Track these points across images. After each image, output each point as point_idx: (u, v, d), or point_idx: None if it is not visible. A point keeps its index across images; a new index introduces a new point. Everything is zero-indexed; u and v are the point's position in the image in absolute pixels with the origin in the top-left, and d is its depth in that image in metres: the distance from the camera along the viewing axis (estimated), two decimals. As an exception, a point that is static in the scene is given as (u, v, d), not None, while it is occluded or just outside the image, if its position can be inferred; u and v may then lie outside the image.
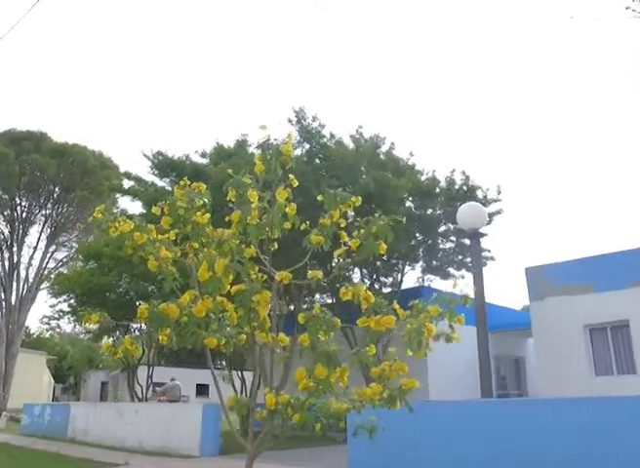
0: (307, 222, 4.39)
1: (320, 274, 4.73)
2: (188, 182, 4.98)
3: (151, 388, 23.20)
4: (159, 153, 13.18)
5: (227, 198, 4.41)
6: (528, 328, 21.73)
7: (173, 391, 22.49)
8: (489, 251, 16.67)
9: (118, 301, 14.89)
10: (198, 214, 4.75)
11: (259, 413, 4.64)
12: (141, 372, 40.70)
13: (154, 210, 4.61)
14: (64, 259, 27.99)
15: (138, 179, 13.96)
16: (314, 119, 12.59)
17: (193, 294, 4.50)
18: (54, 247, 28.17)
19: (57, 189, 26.68)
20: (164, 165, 13.06)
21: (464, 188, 16.36)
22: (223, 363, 45.85)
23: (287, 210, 4.48)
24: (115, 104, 78.85)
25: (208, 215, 4.80)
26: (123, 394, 37.09)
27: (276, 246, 4.66)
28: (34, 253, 27.85)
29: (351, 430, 4.62)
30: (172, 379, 23.45)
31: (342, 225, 4.72)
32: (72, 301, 15.47)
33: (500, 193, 16.35)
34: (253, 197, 4.54)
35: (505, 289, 62.56)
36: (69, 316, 16.27)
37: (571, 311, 14.67)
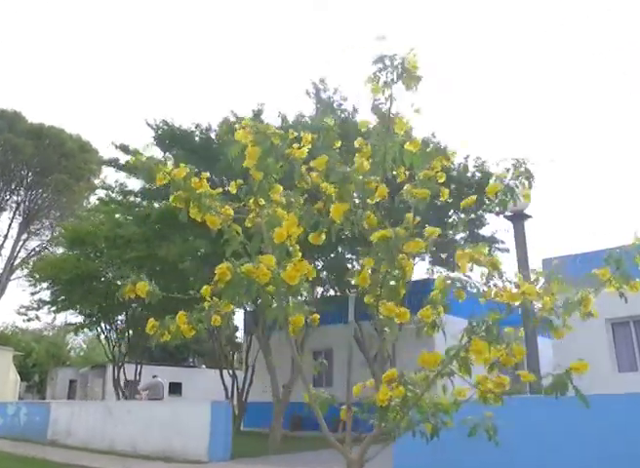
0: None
1: (438, 231, 3.69)
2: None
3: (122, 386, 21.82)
4: (164, 122, 11.89)
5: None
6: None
7: (155, 389, 21.14)
8: (503, 242, 15.83)
9: (108, 290, 13.51)
10: (294, 146, 3.63)
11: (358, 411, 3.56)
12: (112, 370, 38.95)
13: (239, 135, 3.45)
14: (37, 248, 26.20)
15: (135, 153, 12.53)
16: (335, 92, 11.48)
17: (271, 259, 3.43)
18: (25, 235, 26.31)
19: (30, 173, 24.88)
20: (169, 135, 11.75)
21: (478, 175, 15.50)
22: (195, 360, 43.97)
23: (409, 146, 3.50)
24: (99, 86, 75.70)
25: (305, 150, 3.68)
26: (93, 392, 35.41)
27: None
28: (4, 241, 25.97)
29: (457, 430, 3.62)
30: (154, 377, 22.10)
31: (442, 180, 3.77)
32: (55, 290, 14.00)
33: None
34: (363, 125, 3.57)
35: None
36: (50, 306, 14.80)
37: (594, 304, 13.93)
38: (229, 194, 3.69)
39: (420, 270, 16.99)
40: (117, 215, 12.82)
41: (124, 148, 12.53)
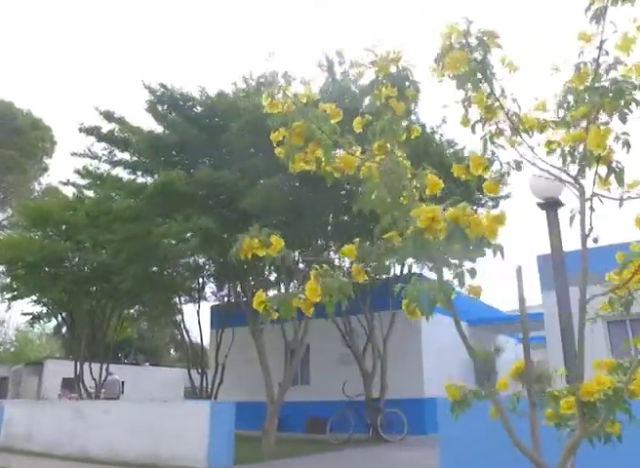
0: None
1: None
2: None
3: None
4: (162, 85, 10.53)
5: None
6: (508, 322, 21.02)
7: (112, 387, 19.65)
8: (495, 237, 15.37)
9: (77, 275, 12.01)
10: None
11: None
12: (51, 367, 36.65)
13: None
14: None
15: (121, 122, 11.17)
16: (353, 65, 10.41)
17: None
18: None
19: (-29, 150, 22.48)
20: (168, 100, 10.41)
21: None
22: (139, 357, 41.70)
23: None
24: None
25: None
26: (27, 391, 32.92)
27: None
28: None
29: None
30: (110, 374, 20.62)
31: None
32: (14, 274, 12.31)
33: (508, 175, 15.11)
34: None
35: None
36: (5, 292, 13.07)
37: (589, 303, 13.72)
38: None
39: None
40: (95, 191, 11.32)
41: (108, 115, 11.05)
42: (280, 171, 9.50)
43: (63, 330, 50.45)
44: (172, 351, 61.71)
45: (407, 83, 3.02)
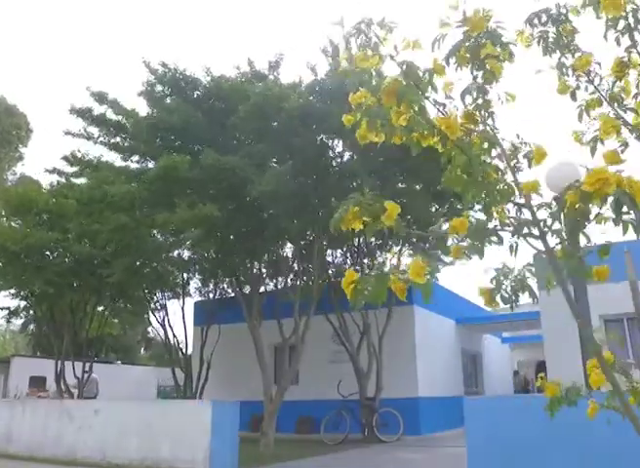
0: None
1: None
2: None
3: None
4: (163, 65, 9.90)
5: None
6: (496, 321, 20.91)
7: (90, 386, 18.89)
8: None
9: (61, 266, 11.29)
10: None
11: None
12: (18, 364, 35.31)
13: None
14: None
15: (114, 104, 10.50)
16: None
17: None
18: None
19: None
20: (170, 81, 9.78)
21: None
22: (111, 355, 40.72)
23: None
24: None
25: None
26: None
27: None
28: None
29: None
30: (86, 372, 19.83)
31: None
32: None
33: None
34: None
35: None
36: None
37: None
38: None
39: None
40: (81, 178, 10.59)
41: (101, 97, 10.35)
42: (290, 157, 9.09)
43: (31, 326, 48.92)
44: (142, 350, 60.53)
45: (498, 44, 2.69)
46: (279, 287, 13.64)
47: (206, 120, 9.57)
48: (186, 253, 16.55)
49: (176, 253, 16.09)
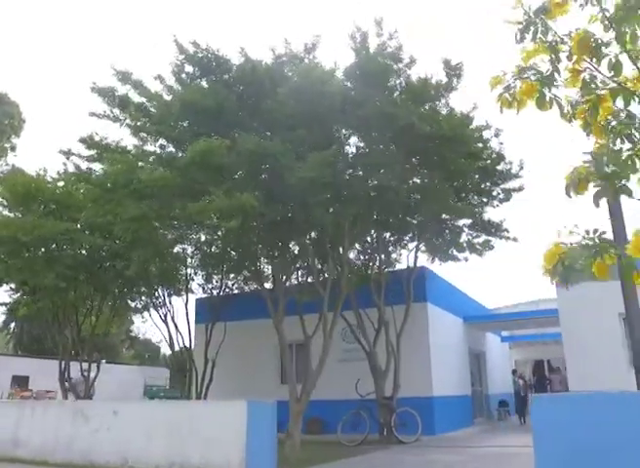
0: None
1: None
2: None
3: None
4: (195, 44, 9.29)
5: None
6: (501, 320, 20.70)
7: (80, 387, 18.26)
8: (507, 231, 14.90)
9: (74, 258, 10.63)
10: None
11: None
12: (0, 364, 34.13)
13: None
14: None
15: (137, 85, 9.85)
16: (391, 36, 9.58)
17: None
18: None
19: None
20: (201, 61, 9.19)
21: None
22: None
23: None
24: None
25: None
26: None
27: None
28: None
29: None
30: (85, 370, 19.18)
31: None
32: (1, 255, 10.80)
33: (522, 168, 14.60)
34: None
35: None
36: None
37: (604, 298, 13.44)
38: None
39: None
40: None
41: (125, 76, 9.68)
42: (330, 143, 8.63)
43: (12, 325, 47.55)
44: (124, 349, 59.34)
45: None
46: (294, 282, 13.17)
47: (238, 104, 9.05)
48: (189, 249, 16.08)
49: (179, 247, 15.55)
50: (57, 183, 11.85)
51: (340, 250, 10.97)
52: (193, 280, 16.56)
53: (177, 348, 17.16)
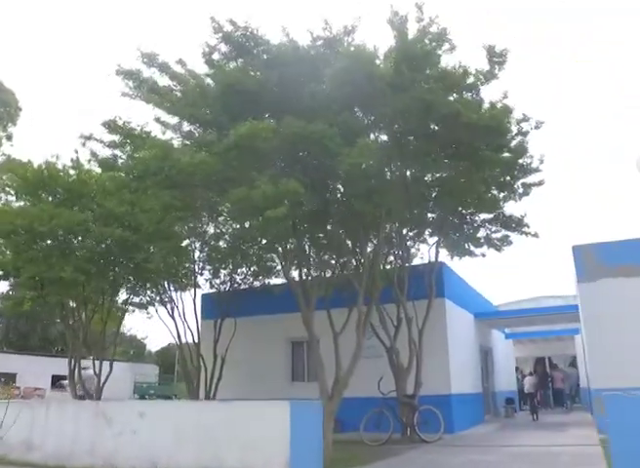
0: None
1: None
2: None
3: None
4: (232, 22, 8.69)
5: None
6: (511, 316, 20.44)
7: (87, 383, 17.67)
8: (527, 226, 14.57)
9: (93, 251, 10.01)
10: None
11: None
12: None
13: None
14: None
15: (163, 66, 9.21)
16: (432, 21, 9.09)
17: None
18: None
19: None
20: (240, 39, 8.58)
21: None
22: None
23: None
24: None
25: None
26: None
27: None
28: None
29: None
30: (84, 368, 18.58)
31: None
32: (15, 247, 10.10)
33: (542, 163, 14.27)
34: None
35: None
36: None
37: (628, 295, 13.21)
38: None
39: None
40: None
41: (151, 58, 9.03)
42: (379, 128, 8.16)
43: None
44: (113, 346, 58.28)
45: None
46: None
47: (278, 86, 8.50)
48: (197, 243, 15.51)
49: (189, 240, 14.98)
50: (69, 171, 11.20)
51: (374, 241, 10.52)
52: (202, 274, 15.98)
53: (176, 344, 16.58)
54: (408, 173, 11.40)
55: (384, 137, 10.00)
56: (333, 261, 11.98)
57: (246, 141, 7.50)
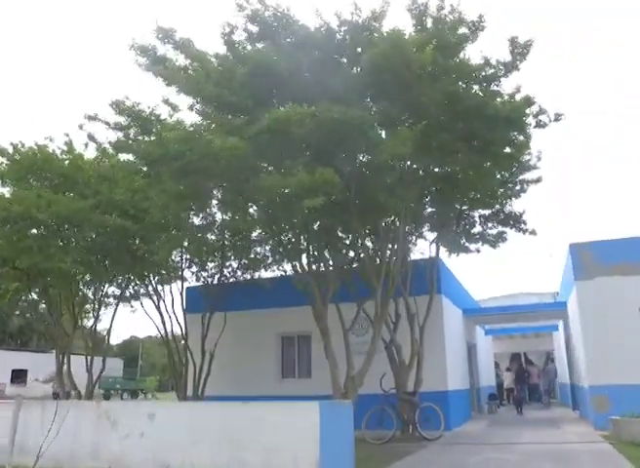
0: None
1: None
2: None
3: None
4: (261, 1, 8.07)
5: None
6: (503, 313, 20.51)
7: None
8: (525, 223, 14.52)
9: (94, 241, 9.34)
10: None
11: None
12: None
13: None
14: None
15: (182, 44, 8.49)
16: (453, 10, 8.77)
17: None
18: None
19: None
20: (266, 19, 7.98)
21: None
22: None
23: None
24: None
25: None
26: None
27: None
28: None
29: None
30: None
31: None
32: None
33: (539, 160, 14.22)
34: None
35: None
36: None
37: (625, 293, 13.33)
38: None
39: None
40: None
41: (167, 34, 8.34)
42: (417, 118, 7.81)
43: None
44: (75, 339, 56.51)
45: None
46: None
47: (310, 69, 8.02)
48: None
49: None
50: (61, 156, 10.44)
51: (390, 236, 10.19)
52: (191, 267, 15.37)
53: (163, 338, 15.94)
54: (415, 166, 11.15)
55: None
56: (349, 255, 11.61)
57: (281, 126, 7.03)
